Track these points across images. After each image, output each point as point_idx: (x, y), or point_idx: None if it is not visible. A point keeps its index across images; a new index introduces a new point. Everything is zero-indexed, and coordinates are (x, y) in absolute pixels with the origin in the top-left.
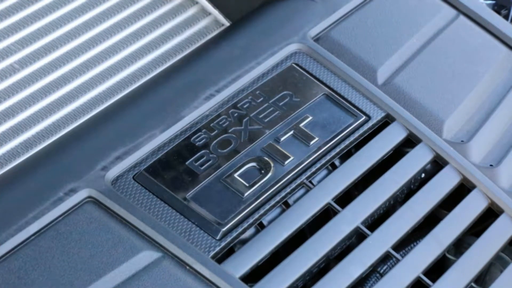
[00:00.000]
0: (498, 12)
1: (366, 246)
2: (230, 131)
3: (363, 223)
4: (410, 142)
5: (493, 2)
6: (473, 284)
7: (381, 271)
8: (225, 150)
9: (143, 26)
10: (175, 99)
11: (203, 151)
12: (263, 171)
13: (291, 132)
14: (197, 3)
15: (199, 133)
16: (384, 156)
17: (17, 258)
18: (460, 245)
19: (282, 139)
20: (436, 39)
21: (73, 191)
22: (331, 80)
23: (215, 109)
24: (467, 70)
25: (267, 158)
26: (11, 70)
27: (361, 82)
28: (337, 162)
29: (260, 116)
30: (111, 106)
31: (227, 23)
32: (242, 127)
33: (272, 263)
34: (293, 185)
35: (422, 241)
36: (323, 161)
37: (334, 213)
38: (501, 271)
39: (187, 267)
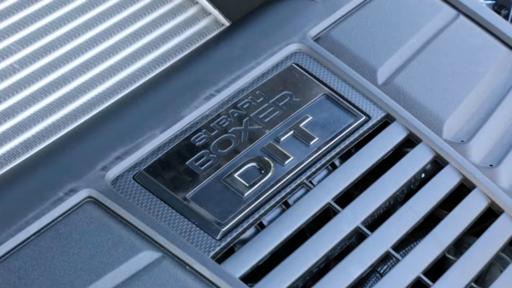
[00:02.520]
0: (498, 12)
1: (366, 246)
2: (230, 131)
3: (363, 223)
4: (410, 142)
5: (493, 2)
6: (473, 284)
7: (381, 271)
8: (225, 150)
9: (143, 26)
10: (175, 99)
11: (203, 151)
12: (263, 171)
13: (291, 132)
14: (197, 3)
15: (199, 133)
16: (384, 156)
17: (17, 258)
18: (460, 245)
19: (282, 139)
20: (436, 39)
21: (73, 191)
22: (331, 80)
23: (215, 109)
24: (467, 70)
25: (267, 158)
26: (11, 70)
27: (361, 82)
28: (337, 162)
29: (260, 116)
30: (111, 106)
31: (227, 23)
32: (242, 127)
33: (272, 263)
34: (293, 185)
35: (422, 241)
36: (323, 161)
37: (334, 213)
38: (501, 271)
39: (187, 267)
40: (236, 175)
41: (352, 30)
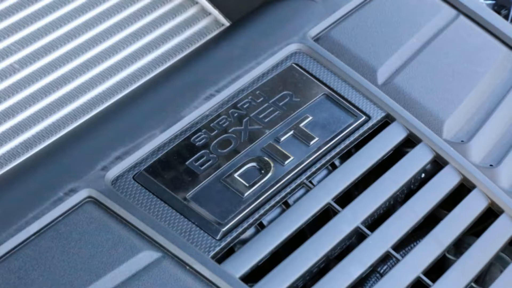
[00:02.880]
0: (498, 12)
1: (366, 246)
2: (230, 131)
3: (363, 223)
4: (410, 142)
5: (493, 2)
6: (473, 284)
7: (381, 271)
8: (225, 150)
9: (143, 26)
10: (175, 99)
11: (203, 151)
12: (263, 171)
13: (291, 132)
14: (197, 3)
15: (199, 133)
16: (384, 156)
17: (17, 258)
18: (460, 245)
19: (282, 139)
20: (436, 39)
21: (73, 191)
22: (331, 80)
23: (215, 109)
24: (467, 70)
25: (267, 158)
26: (11, 70)
27: (361, 82)
28: (337, 162)
29: (260, 116)
30: (111, 106)
31: (227, 23)
32: (242, 127)
33: (272, 263)
34: (293, 185)
35: (422, 241)
36: (323, 161)
37: (334, 213)
38: (501, 271)
39: (187, 267)
40: (236, 175)
41: (352, 30)
